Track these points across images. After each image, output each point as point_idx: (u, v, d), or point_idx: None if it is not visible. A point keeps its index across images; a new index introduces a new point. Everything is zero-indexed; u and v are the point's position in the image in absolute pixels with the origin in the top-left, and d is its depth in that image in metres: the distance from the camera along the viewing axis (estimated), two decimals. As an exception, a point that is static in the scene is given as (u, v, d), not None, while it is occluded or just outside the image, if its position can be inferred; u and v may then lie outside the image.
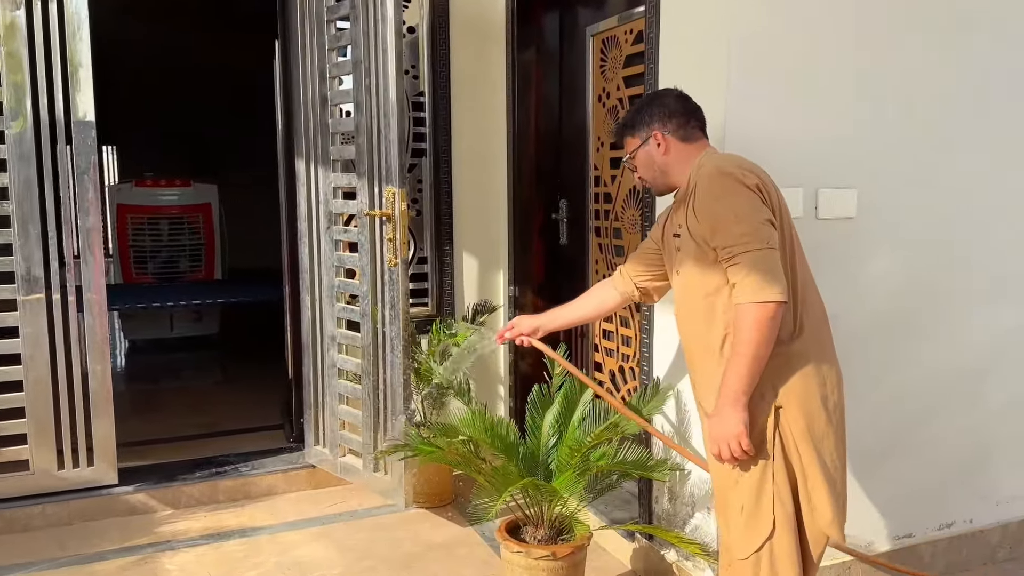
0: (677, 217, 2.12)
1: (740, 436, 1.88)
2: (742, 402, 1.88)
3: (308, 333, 3.71)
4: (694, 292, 2.06)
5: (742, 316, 1.86)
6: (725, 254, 1.90)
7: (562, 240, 3.87)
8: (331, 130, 3.45)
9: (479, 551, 3.17)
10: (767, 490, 1.95)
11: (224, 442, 4.20)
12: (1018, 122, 2.90)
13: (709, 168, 1.99)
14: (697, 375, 2.13)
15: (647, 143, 2.14)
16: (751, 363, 1.86)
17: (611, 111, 3.39)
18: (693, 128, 2.14)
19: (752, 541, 1.97)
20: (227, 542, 3.27)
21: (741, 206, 1.91)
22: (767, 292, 1.84)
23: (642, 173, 2.21)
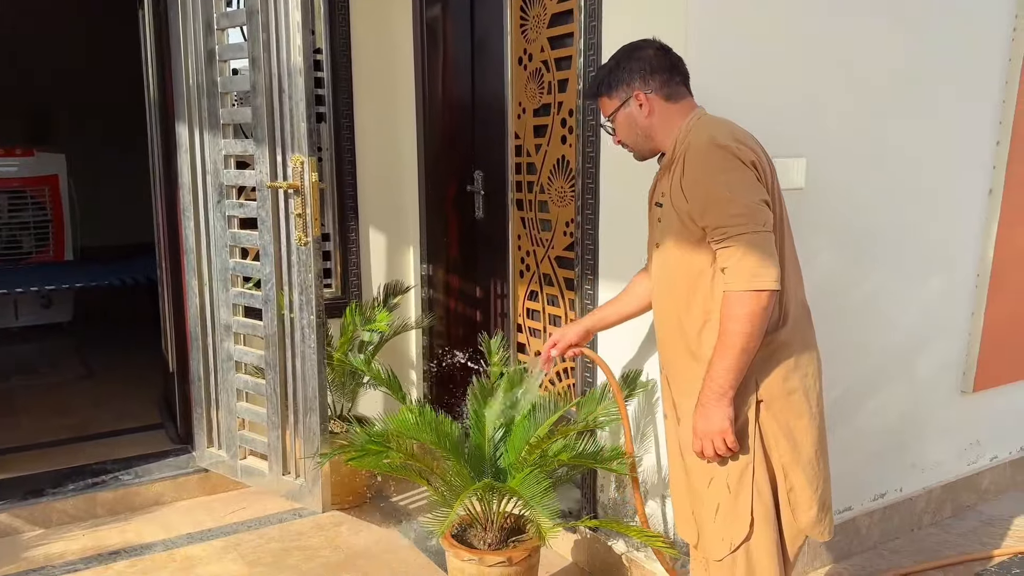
0: (661, 184, 1.92)
1: (726, 433, 1.75)
2: (728, 397, 1.74)
3: (196, 321, 3.28)
4: (674, 271, 1.88)
5: (733, 305, 1.70)
6: (717, 235, 1.73)
7: (478, 214, 3.61)
8: (221, 90, 3.02)
9: (408, 555, 2.91)
10: (746, 488, 1.81)
11: (97, 447, 3.69)
12: (960, 98, 2.89)
13: (702, 138, 1.79)
14: (668, 358, 1.97)
15: (627, 104, 1.91)
16: (740, 356, 1.71)
17: (534, 75, 3.15)
18: (677, 85, 1.92)
19: (728, 541, 1.83)
20: (115, 563, 2.84)
21: (735, 183, 1.73)
22: (761, 279, 1.68)
23: (622, 137, 1.98)
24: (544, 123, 3.09)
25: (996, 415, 3.31)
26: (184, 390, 3.56)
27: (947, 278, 3.01)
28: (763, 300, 1.69)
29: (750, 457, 1.82)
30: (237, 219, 3.11)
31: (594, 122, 2.60)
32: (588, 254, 2.67)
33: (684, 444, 1.90)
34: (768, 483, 1.84)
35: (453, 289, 3.74)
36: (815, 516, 1.85)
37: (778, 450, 1.83)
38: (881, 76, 2.67)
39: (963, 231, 3.03)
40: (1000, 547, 2.94)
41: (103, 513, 3.19)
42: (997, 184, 3.04)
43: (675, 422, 1.94)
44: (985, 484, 3.30)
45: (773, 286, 1.69)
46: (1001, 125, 3.03)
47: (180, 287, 3.42)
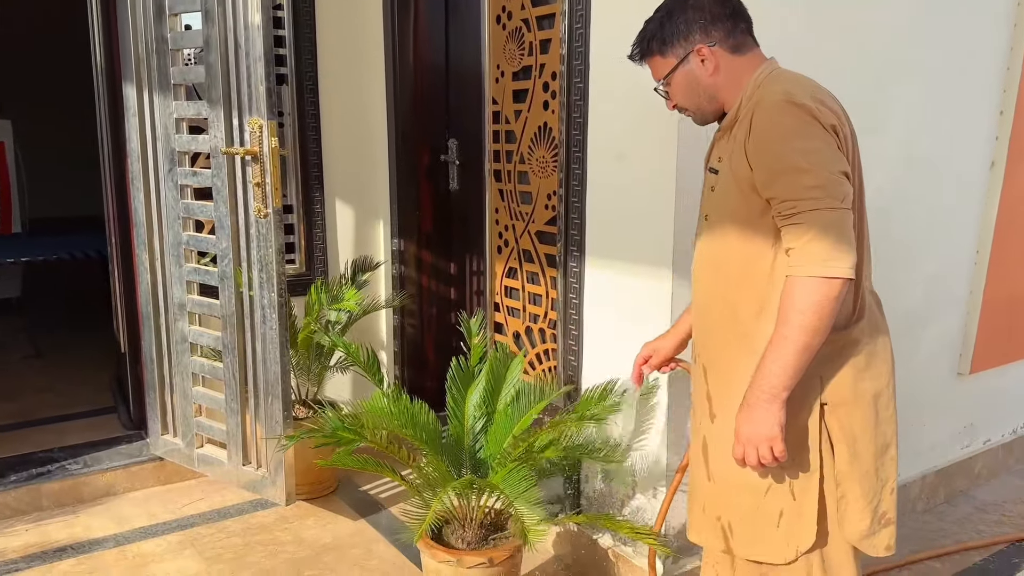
0: (719, 148, 1.66)
1: (774, 440, 1.50)
2: (782, 399, 1.48)
3: (148, 299, 3.04)
4: (727, 248, 1.62)
5: (797, 292, 1.45)
6: (786, 208, 1.46)
7: (452, 185, 3.40)
8: (171, 46, 2.75)
9: (379, 549, 2.72)
10: (812, 497, 1.60)
11: (42, 433, 3.44)
12: (963, 66, 2.73)
13: (774, 95, 1.51)
14: (709, 344, 1.71)
15: (686, 62, 1.62)
16: (801, 353, 1.45)
17: (513, 34, 2.93)
18: (743, 34, 1.63)
19: (795, 547, 1.62)
20: (60, 562, 2.62)
21: (812, 150, 1.46)
22: (835, 265, 1.43)
23: (681, 101, 1.69)
24: (524, 87, 2.88)
25: (990, 397, 3.20)
26: (136, 373, 3.32)
27: (947, 254, 2.87)
28: (834, 289, 1.43)
29: (817, 464, 1.60)
30: (191, 189, 2.86)
31: (581, 84, 2.39)
32: (574, 229, 2.48)
33: (713, 444, 1.69)
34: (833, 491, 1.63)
35: (426, 265, 3.53)
36: (866, 528, 1.63)
37: (836, 457, 1.62)
38: (883, 40, 2.49)
39: (964, 205, 2.89)
40: (995, 534, 2.84)
41: (49, 505, 2.96)
42: (1000, 156, 2.90)
43: (707, 418, 1.70)
44: (978, 468, 3.20)
45: (847, 274, 1.43)
46: (1005, 94, 2.88)
47: (131, 262, 3.17)
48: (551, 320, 2.84)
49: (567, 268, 2.55)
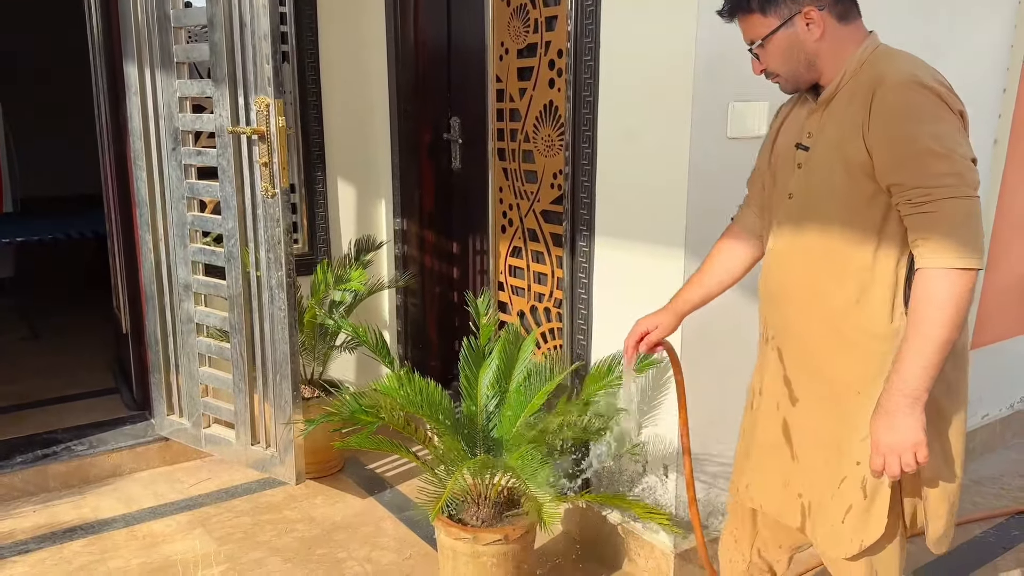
0: (810, 122, 1.57)
1: (919, 446, 1.42)
2: (923, 401, 1.41)
3: (152, 280, 3.02)
4: (820, 234, 1.55)
5: (936, 286, 1.38)
6: (917, 196, 1.39)
7: (455, 164, 3.39)
8: (174, 24, 2.72)
9: (389, 526, 2.74)
10: (884, 494, 1.55)
11: (46, 415, 3.43)
12: (969, 41, 2.73)
13: (900, 75, 1.43)
14: (790, 328, 1.64)
15: (791, 24, 1.51)
16: (942, 349, 1.38)
17: (518, 11, 2.90)
18: (850, 2, 1.54)
19: (858, 542, 1.61)
20: (71, 543, 2.63)
21: (945, 136, 1.39)
22: (972, 256, 1.37)
23: (775, 66, 1.57)
24: (530, 65, 2.86)
25: (989, 372, 3.24)
26: (139, 353, 3.31)
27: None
28: (971, 281, 1.37)
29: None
30: (195, 168, 2.84)
31: (591, 62, 2.38)
32: (583, 208, 2.48)
33: (796, 427, 1.66)
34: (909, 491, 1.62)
35: (428, 245, 3.52)
36: (942, 529, 1.61)
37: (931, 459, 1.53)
38: (891, 14, 2.49)
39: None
40: (994, 507, 2.88)
41: (56, 486, 2.97)
42: (1003, 134, 2.91)
43: (787, 400, 1.66)
44: (976, 442, 3.24)
45: (981, 264, 1.38)
46: (1008, 72, 2.89)
47: (132, 243, 3.15)
48: (557, 299, 2.85)
49: (575, 247, 2.55)
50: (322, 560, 2.54)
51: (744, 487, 1.80)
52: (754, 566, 1.88)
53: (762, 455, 1.75)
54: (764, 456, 1.74)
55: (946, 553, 1.90)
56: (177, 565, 2.51)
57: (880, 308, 1.51)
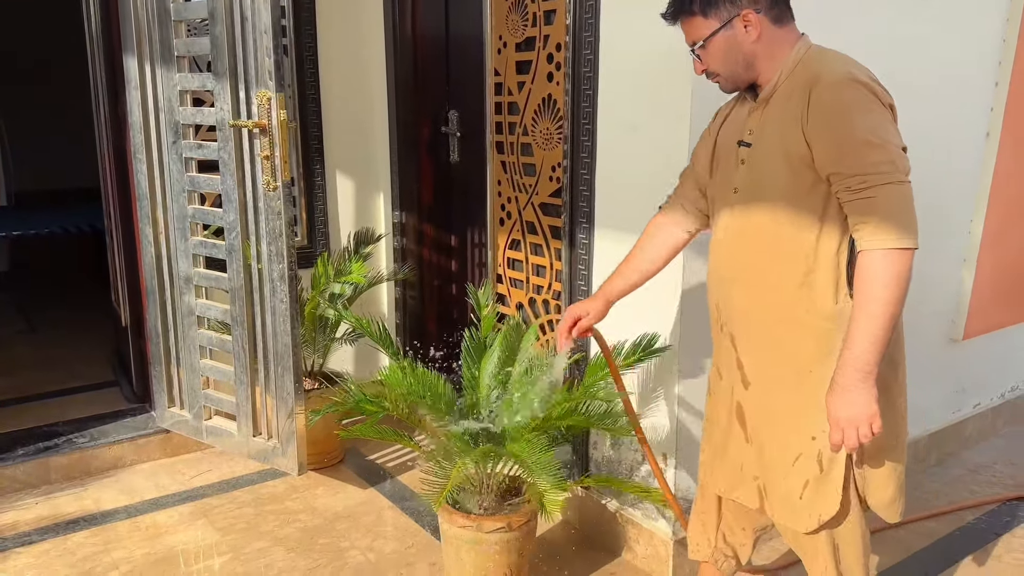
0: (751, 120, 1.67)
1: (873, 418, 1.50)
2: (875, 375, 1.49)
3: (152, 273, 3.04)
4: (765, 223, 1.63)
5: (878, 266, 1.47)
6: (856, 183, 1.48)
7: (453, 157, 3.41)
8: (174, 17, 2.73)
9: (390, 516, 2.77)
10: (839, 468, 1.63)
11: (46, 408, 3.44)
12: (962, 33, 2.77)
13: (835, 73, 1.52)
14: (739, 314, 1.73)
15: (730, 26, 1.60)
16: (887, 325, 1.47)
17: (516, 5, 2.92)
18: (785, 7, 1.64)
19: (817, 517, 1.68)
20: (74, 534, 2.65)
21: (879, 127, 1.49)
22: (909, 237, 1.46)
23: (715, 65, 1.66)
24: (528, 59, 2.88)
25: (981, 362, 3.29)
26: (140, 346, 3.33)
27: (943, 222, 2.93)
28: (910, 260, 1.47)
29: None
30: (195, 161, 2.85)
31: (591, 56, 2.41)
32: (583, 201, 2.51)
33: (749, 409, 1.74)
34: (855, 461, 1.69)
35: (427, 238, 3.55)
36: (890, 496, 1.69)
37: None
38: (887, 14, 2.52)
39: (960, 175, 2.95)
40: (986, 494, 2.93)
41: (58, 479, 2.98)
42: (995, 127, 2.95)
43: (740, 384, 1.74)
44: (968, 431, 3.29)
45: (917, 244, 1.48)
46: (1001, 66, 2.92)
47: (132, 236, 3.17)
48: (555, 291, 2.87)
49: (574, 239, 2.58)
50: (325, 550, 2.56)
51: (704, 476, 1.88)
52: (718, 551, 1.96)
53: (720, 440, 1.83)
54: (721, 440, 1.83)
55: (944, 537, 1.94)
56: (180, 555, 2.53)
57: (825, 290, 1.59)
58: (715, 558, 1.96)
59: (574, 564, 2.50)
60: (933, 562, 2.51)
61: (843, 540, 1.73)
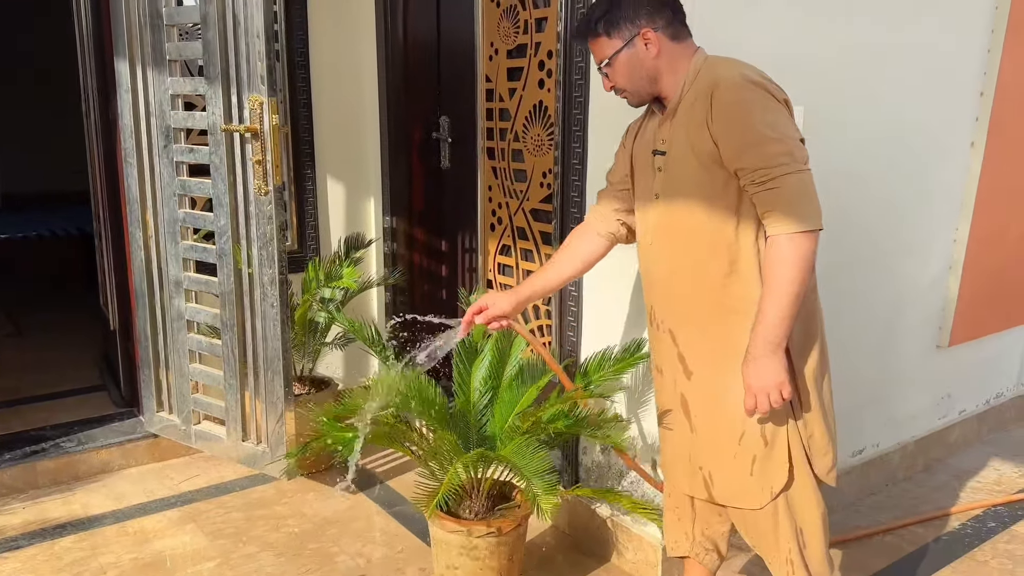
0: (662, 131, 1.79)
1: (783, 385, 1.64)
2: (783, 347, 1.64)
3: (142, 277, 3.03)
4: (688, 221, 1.74)
5: (784, 249, 1.60)
6: (759, 176, 1.60)
7: (444, 163, 3.41)
8: (166, 22, 2.73)
9: (380, 521, 2.77)
10: (781, 437, 1.75)
11: (33, 412, 3.42)
12: (950, 44, 2.81)
13: (732, 76, 1.65)
14: (677, 311, 1.83)
15: (632, 44, 1.74)
16: (794, 302, 1.61)
17: (508, 12, 2.94)
18: (681, 24, 1.78)
19: (769, 490, 1.78)
20: (61, 539, 2.63)
21: (776, 122, 1.61)
22: (810, 220, 1.60)
23: (621, 81, 1.80)
24: (519, 66, 2.89)
25: (966, 369, 3.32)
26: (128, 350, 3.32)
27: (929, 231, 2.97)
28: (812, 241, 1.61)
29: (787, 408, 1.75)
30: (186, 165, 2.85)
31: (582, 63, 2.42)
32: (573, 207, 2.52)
33: (693, 399, 1.83)
34: (796, 429, 1.78)
35: (418, 243, 3.55)
36: (830, 462, 1.81)
37: (803, 400, 1.77)
38: (877, 22, 2.55)
39: (946, 184, 2.98)
40: (972, 500, 2.96)
41: (45, 483, 2.96)
42: (979, 137, 2.99)
43: (683, 376, 1.83)
44: (954, 438, 3.32)
45: (820, 225, 1.61)
46: (986, 76, 2.96)
47: (122, 239, 3.16)
48: (546, 297, 2.89)
49: (565, 245, 2.59)
50: (314, 555, 2.56)
51: (666, 475, 1.96)
52: (698, 544, 2.01)
53: (669, 434, 1.91)
54: (670, 434, 1.91)
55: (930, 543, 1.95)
56: (169, 560, 2.52)
57: (750, 276, 1.70)
58: (695, 552, 2.01)
59: (564, 569, 2.51)
60: (920, 567, 2.54)
61: (798, 509, 1.79)
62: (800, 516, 1.80)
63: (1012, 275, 3.32)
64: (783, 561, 1.81)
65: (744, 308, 1.71)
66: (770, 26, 2.30)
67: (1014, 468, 3.23)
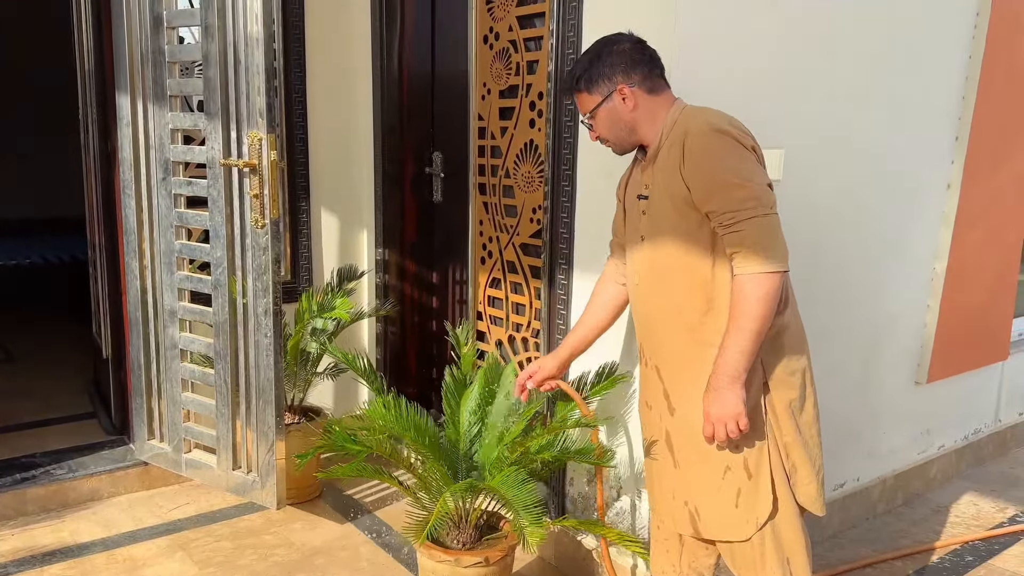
0: (644, 177, 1.90)
1: (739, 416, 1.72)
2: (741, 380, 1.72)
3: (137, 306, 3.07)
4: (668, 261, 1.85)
5: (747, 287, 1.69)
6: (726, 219, 1.70)
7: (436, 197, 3.49)
8: (168, 59, 2.81)
9: (367, 551, 2.80)
10: (764, 470, 1.81)
11: (23, 438, 3.44)
12: (925, 89, 2.92)
13: (700, 125, 1.76)
14: (661, 347, 1.91)
15: (610, 99, 1.88)
16: (754, 338, 1.70)
17: (500, 54, 3.04)
18: (658, 78, 1.91)
19: (754, 522, 1.83)
20: (50, 566, 2.65)
21: (742, 168, 1.72)
22: (773, 261, 1.68)
23: (604, 133, 1.93)
24: (511, 105, 2.98)
25: (945, 405, 3.40)
26: (120, 378, 3.35)
27: (907, 271, 3.06)
28: (776, 281, 1.69)
29: (765, 439, 1.82)
30: (184, 198, 2.91)
31: (571, 104, 2.51)
32: (562, 243, 2.60)
33: (676, 435, 1.89)
34: (780, 462, 1.84)
35: (409, 274, 3.61)
36: (815, 492, 1.87)
37: (781, 430, 1.84)
38: (854, 64, 2.66)
39: (923, 225, 3.08)
40: (951, 535, 3.01)
41: (34, 510, 2.98)
42: (955, 179, 3.09)
43: (668, 413, 1.90)
44: (933, 472, 3.38)
45: (785, 267, 1.70)
46: (960, 121, 3.07)
47: (117, 268, 3.20)
48: (535, 329, 2.94)
49: (554, 279, 2.66)
50: (302, 584, 2.59)
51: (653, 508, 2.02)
52: None
53: (656, 468, 1.97)
54: (656, 469, 1.97)
55: (913, 574, 1.98)
56: (158, 588, 2.54)
57: (726, 312, 1.77)
58: None
59: (549, 600, 2.54)
60: (898, 600, 2.59)
61: (785, 538, 1.84)
62: (787, 547, 1.85)
63: (989, 313, 3.41)
64: None
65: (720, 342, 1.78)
66: (751, 73, 2.39)
67: (991, 503, 3.29)
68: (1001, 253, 3.38)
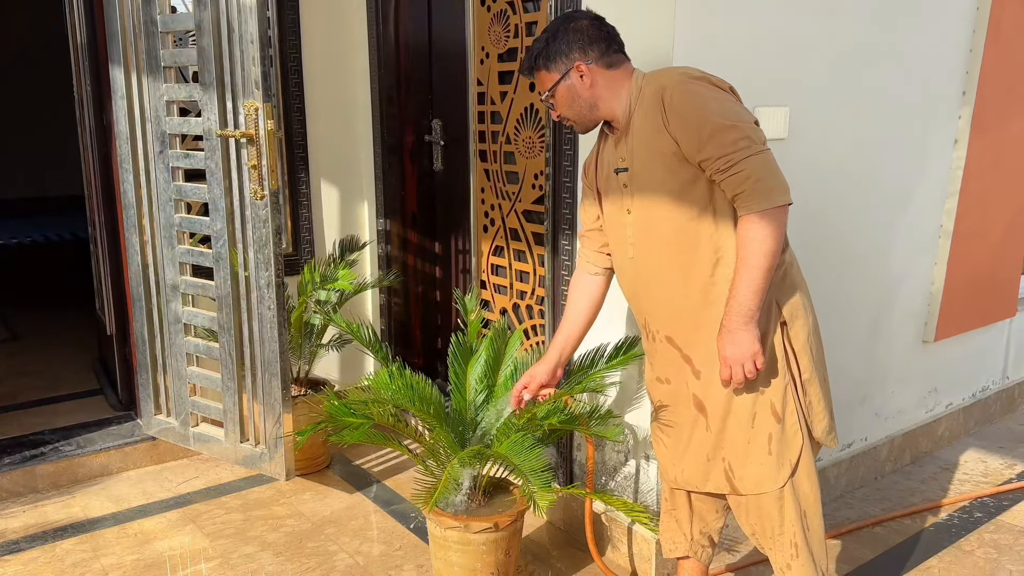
0: (620, 150, 1.87)
1: (756, 355, 1.71)
2: (756, 319, 1.70)
3: (139, 281, 3.06)
4: (665, 225, 1.80)
5: (755, 226, 1.66)
6: (721, 164, 1.67)
7: (436, 165, 3.45)
8: (161, 29, 2.76)
9: (377, 520, 2.81)
10: (791, 408, 1.81)
11: (31, 416, 3.45)
12: (932, 42, 2.87)
13: (675, 78, 1.74)
14: (672, 316, 1.86)
15: (567, 77, 1.85)
16: (765, 275, 1.67)
17: (499, 16, 2.98)
18: (615, 53, 1.87)
19: (788, 464, 1.82)
20: (62, 542, 2.66)
21: (727, 110, 1.69)
22: (777, 195, 1.66)
23: (564, 111, 1.90)
24: (510, 69, 2.93)
25: (952, 363, 3.38)
26: (125, 354, 3.35)
27: (914, 228, 3.02)
28: (782, 215, 1.67)
29: (787, 378, 1.82)
30: (182, 171, 2.88)
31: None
32: (565, 208, 2.57)
33: (707, 398, 1.85)
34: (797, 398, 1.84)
35: (411, 244, 3.59)
36: (827, 426, 1.88)
37: (800, 367, 1.83)
38: (856, 24, 2.60)
39: (930, 181, 3.04)
40: (959, 492, 3.02)
41: (45, 487, 2.99)
42: (962, 134, 3.05)
43: (693, 377, 1.86)
44: (941, 431, 3.38)
45: (789, 200, 1.67)
46: (968, 75, 3.02)
47: (118, 244, 3.19)
48: (539, 296, 2.93)
49: (557, 246, 2.64)
50: (314, 553, 2.60)
51: (675, 478, 1.97)
52: (695, 543, 2.06)
53: (685, 439, 1.93)
54: (686, 439, 1.92)
55: (918, 533, 2.00)
56: (169, 561, 2.55)
57: (734, 261, 1.74)
58: (693, 551, 2.06)
59: (559, 563, 2.55)
60: (908, 557, 2.59)
61: (805, 499, 1.85)
62: (804, 500, 1.85)
63: (996, 270, 3.38)
64: (787, 544, 1.86)
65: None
66: (755, 30, 2.35)
67: (1000, 460, 3.29)
68: (1009, 209, 3.34)
